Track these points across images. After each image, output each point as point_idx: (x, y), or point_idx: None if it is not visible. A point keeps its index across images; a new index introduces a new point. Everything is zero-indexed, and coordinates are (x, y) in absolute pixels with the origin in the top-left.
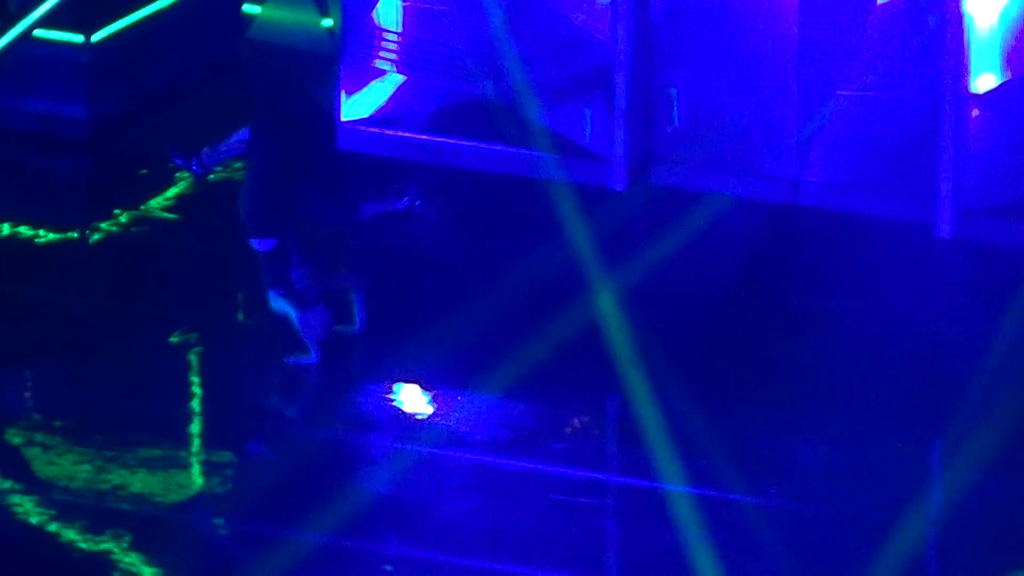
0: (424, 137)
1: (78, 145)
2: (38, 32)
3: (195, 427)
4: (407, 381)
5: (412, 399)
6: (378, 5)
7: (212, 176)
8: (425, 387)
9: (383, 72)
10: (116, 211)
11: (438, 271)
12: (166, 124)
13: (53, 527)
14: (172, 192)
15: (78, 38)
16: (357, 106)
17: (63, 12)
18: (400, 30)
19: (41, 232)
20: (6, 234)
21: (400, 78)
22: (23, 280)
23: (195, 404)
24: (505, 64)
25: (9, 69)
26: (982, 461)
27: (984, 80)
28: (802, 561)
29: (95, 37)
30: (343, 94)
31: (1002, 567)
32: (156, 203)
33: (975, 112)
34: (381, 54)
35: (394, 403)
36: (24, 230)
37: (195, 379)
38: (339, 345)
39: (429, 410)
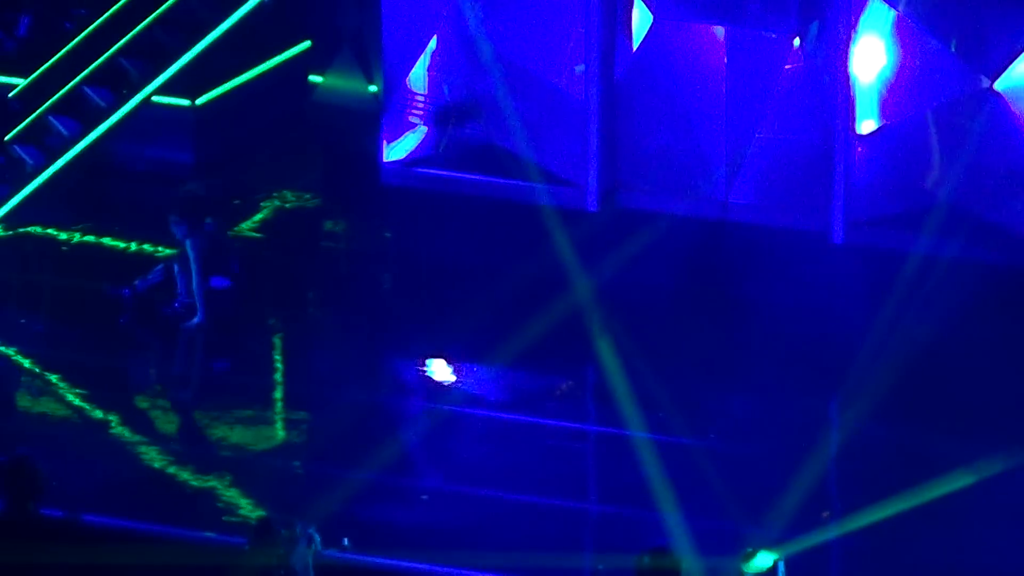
0: (445, 173)
1: (186, 183)
2: (155, 98)
3: (278, 394)
4: (435, 356)
5: (439, 370)
6: (410, 74)
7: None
8: (449, 361)
9: (415, 124)
10: None
11: (457, 274)
12: (252, 166)
13: (172, 470)
14: (258, 217)
15: (186, 102)
16: (395, 151)
17: (174, 83)
18: (426, 93)
19: (159, 248)
20: (134, 249)
21: (426, 128)
22: None
23: (278, 376)
24: (504, 116)
25: (134, 126)
26: (868, 410)
27: (866, 124)
28: (735, 489)
29: (199, 101)
30: (384, 142)
31: (883, 488)
32: (246, 225)
33: (859, 148)
34: (413, 111)
35: (425, 373)
36: (147, 246)
37: (278, 357)
38: (382, 329)
39: (452, 378)
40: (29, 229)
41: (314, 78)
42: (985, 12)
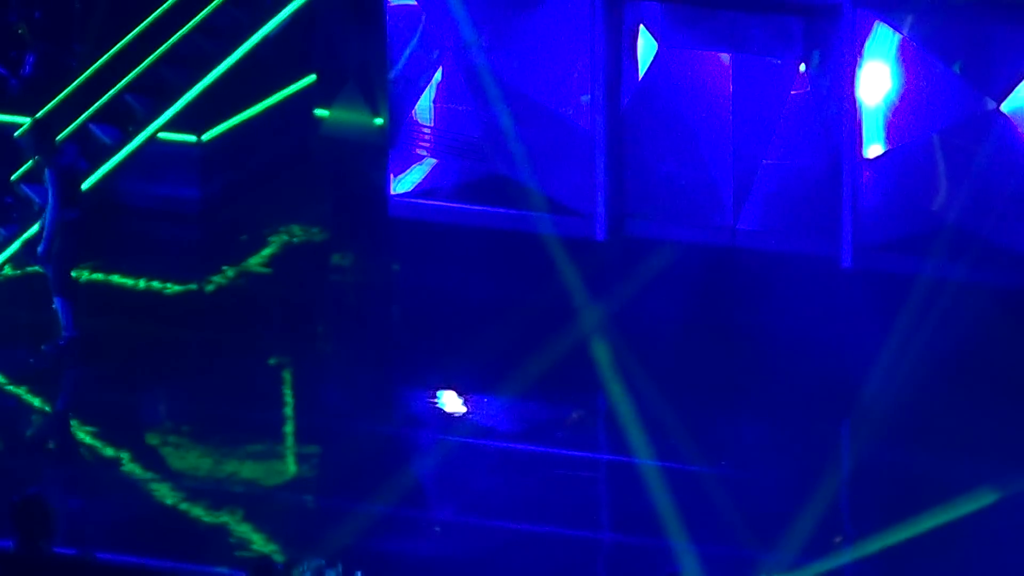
0: (452, 204)
1: (193, 218)
2: (161, 135)
3: (288, 428)
4: (446, 388)
5: (450, 401)
6: (416, 106)
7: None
8: (459, 392)
9: (421, 157)
10: (224, 267)
11: (465, 305)
12: (259, 201)
13: (184, 506)
14: (266, 252)
15: (191, 138)
16: (402, 183)
17: (180, 119)
18: (432, 125)
19: (168, 284)
20: (142, 287)
21: (433, 160)
22: (155, 321)
23: (288, 411)
24: (511, 147)
25: (139, 162)
26: (877, 436)
27: (873, 149)
28: (746, 516)
29: (204, 137)
30: (391, 175)
31: (895, 513)
32: (254, 260)
33: (867, 173)
34: (419, 143)
35: (436, 404)
36: (156, 283)
37: (288, 391)
38: (392, 361)
39: (463, 409)
40: (37, 268)
41: (320, 112)
42: (990, 34)
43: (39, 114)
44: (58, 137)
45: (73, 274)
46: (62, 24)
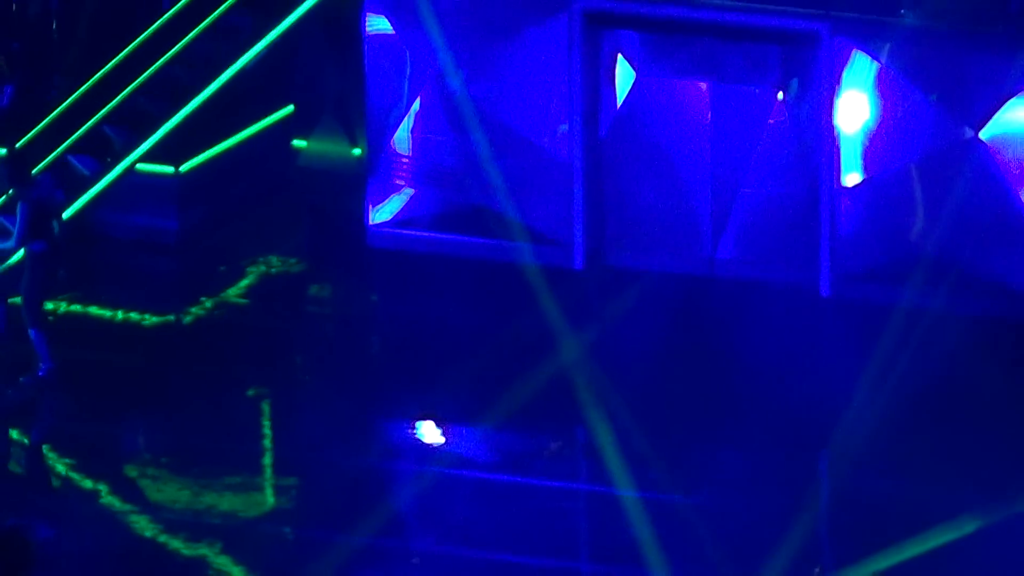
0: (431, 234)
1: (171, 250)
2: (139, 166)
3: (267, 459)
4: (425, 418)
5: (429, 432)
6: (394, 136)
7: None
8: (438, 422)
9: (400, 186)
10: (202, 298)
11: (444, 335)
12: (237, 232)
13: (162, 538)
14: (243, 283)
15: (169, 169)
16: (381, 213)
17: (158, 150)
18: (411, 154)
19: (146, 316)
20: (120, 318)
21: (411, 190)
22: (134, 353)
23: (266, 442)
24: (490, 177)
25: (117, 193)
26: (856, 464)
27: (851, 177)
28: (725, 545)
29: (183, 168)
30: (370, 205)
31: (875, 541)
32: (232, 292)
33: (845, 201)
34: (398, 173)
35: (415, 435)
36: (134, 315)
37: (266, 423)
38: (371, 392)
39: (441, 440)
40: (15, 300)
41: (298, 142)
42: (968, 62)
43: (16, 145)
44: (35, 169)
45: (51, 306)
46: (41, 55)
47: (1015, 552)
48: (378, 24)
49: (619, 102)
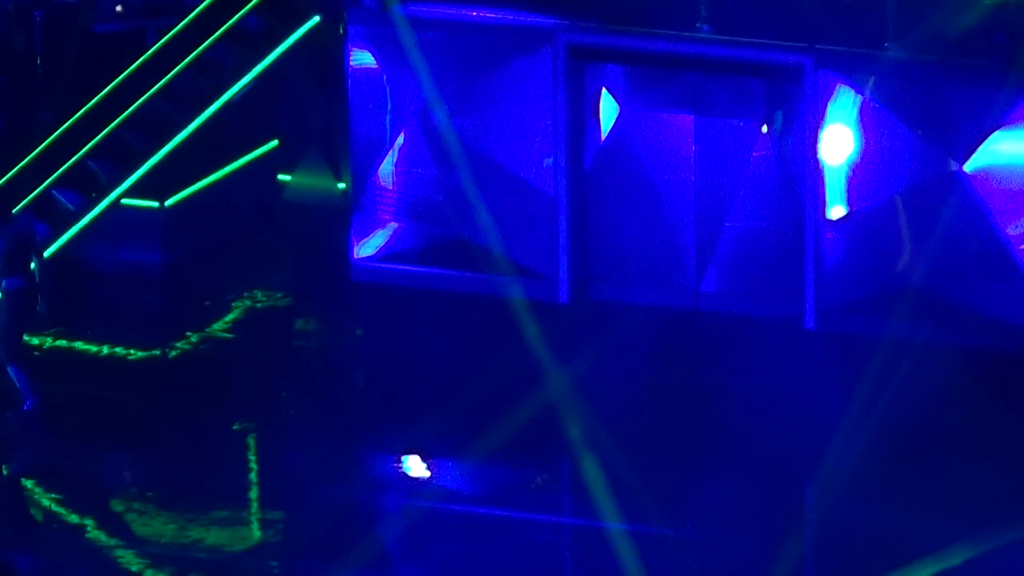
0: (416, 268)
1: (156, 284)
2: (124, 200)
3: (253, 494)
4: (411, 452)
5: (415, 466)
6: (379, 170)
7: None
8: (424, 456)
9: (385, 220)
10: (187, 333)
11: (430, 369)
12: (223, 266)
13: (149, 573)
14: (229, 318)
15: (155, 204)
16: (366, 247)
17: (143, 184)
18: (395, 188)
19: (132, 350)
20: (105, 353)
21: (396, 224)
22: (120, 388)
23: (252, 476)
24: (474, 211)
25: (103, 228)
26: (842, 497)
27: (836, 210)
28: None
29: (168, 202)
30: (355, 239)
31: (860, 574)
32: (217, 326)
33: (830, 234)
34: (382, 207)
35: (401, 469)
36: (119, 349)
37: (252, 457)
38: (357, 426)
39: (428, 474)
40: None
41: (283, 177)
42: (952, 95)
43: None
44: (18, 204)
45: (36, 340)
46: (26, 90)
47: None
48: (362, 58)
49: (604, 135)
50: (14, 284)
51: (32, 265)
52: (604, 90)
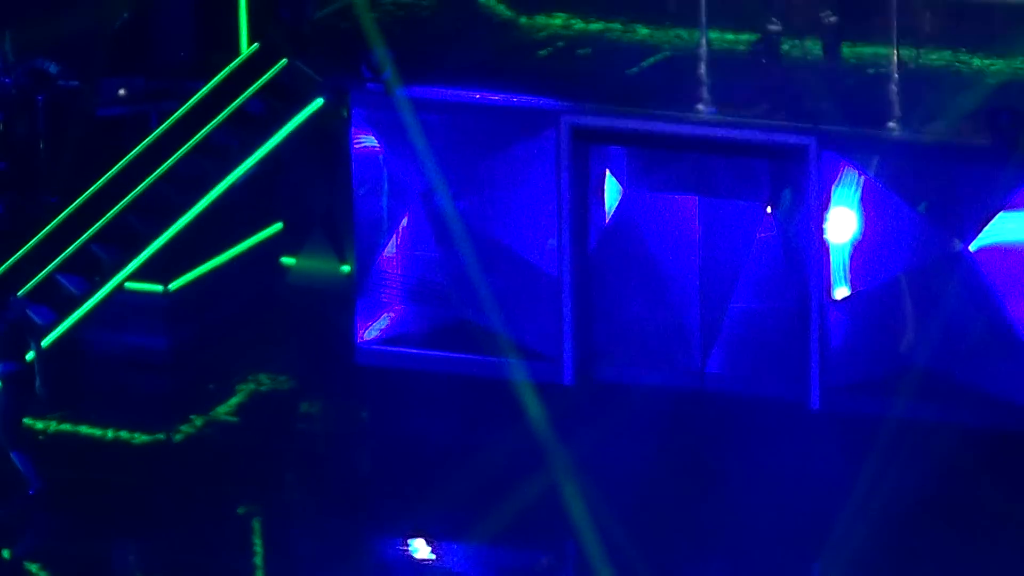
0: (420, 351)
1: (160, 368)
2: (128, 284)
3: None
4: (416, 535)
5: (420, 548)
6: (383, 253)
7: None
8: (429, 539)
9: (389, 303)
10: (192, 417)
11: (434, 452)
12: (227, 350)
13: None
14: (233, 401)
15: (158, 288)
16: (370, 330)
17: (146, 268)
18: (399, 271)
19: (136, 435)
20: (110, 437)
21: (400, 307)
22: (125, 472)
23: (257, 560)
24: (478, 292)
25: (107, 312)
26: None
27: (840, 291)
28: None
29: (171, 286)
30: (359, 322)
31: None
32: (222, 410)
33: (834, 315)
34: (386, 290)
35: (407, 552)
36: (123, 434)
37: (257, 541)
38: (362, 509)
39: (433, 557)
40: None
41: (287, 260)
42: (956, 175)
43: None
44: (22, 290)
45: (40, 425)
46: (29, 175)
47: None
48: (365, 140)
49: (607, 216)
50: (9, 369)
51: (30, 350)
52: (608, 172)
